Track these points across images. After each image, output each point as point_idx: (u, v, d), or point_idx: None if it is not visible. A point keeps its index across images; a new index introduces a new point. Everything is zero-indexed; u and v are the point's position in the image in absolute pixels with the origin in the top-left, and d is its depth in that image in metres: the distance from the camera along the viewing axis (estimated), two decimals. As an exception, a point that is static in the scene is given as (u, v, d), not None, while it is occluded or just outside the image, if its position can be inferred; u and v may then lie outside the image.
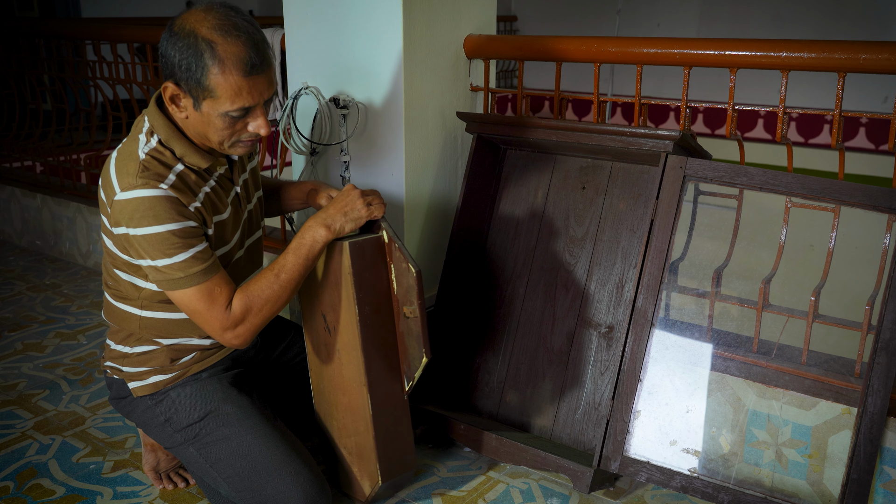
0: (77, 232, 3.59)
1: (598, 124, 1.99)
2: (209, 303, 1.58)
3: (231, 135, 1.58)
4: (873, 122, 6.32)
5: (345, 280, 1.71)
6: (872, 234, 1.80)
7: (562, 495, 1.91)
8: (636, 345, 1.88)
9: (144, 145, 1.57)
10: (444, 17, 2.23)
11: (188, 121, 1.57)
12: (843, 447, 1.76)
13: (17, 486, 1.93)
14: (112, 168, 1.58)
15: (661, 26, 7.21)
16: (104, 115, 3.80)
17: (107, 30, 3.48)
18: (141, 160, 1.55)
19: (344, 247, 1.69)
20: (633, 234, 2.05)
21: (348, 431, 1.82)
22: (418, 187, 2.30)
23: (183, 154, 1.59)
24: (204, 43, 1.47)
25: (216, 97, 1.50)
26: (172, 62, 1.50)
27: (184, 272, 1.55)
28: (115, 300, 1.74)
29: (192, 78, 1.49)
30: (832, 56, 1.81)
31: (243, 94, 1.51)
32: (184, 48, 1.48)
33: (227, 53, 1.47)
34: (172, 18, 1.53)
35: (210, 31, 1.47)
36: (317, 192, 1.90)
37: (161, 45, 1.52)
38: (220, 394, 1.74)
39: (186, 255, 1.54)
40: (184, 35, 1.48)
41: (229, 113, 1.53)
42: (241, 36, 1.49)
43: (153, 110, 1.60)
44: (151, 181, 1.53)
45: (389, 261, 1.76)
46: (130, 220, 1.53)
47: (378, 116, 2.22)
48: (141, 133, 1.60)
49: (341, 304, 1.74)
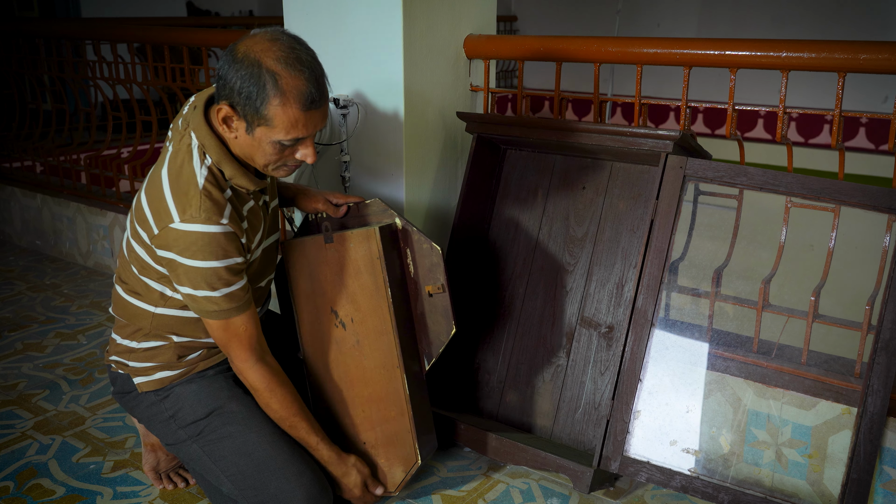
0: (77, 232, 3.59)
1: (598, 124, 1.99)
2: (231, 336, 1.65)
3: (278, 160, 1.60)
4: (873, 122, 6.32)
5: (373, 265, 1.78)
6: (872, 234, 1.80)
7: (562, 495, 1.91)
8: (636, 345, 1.88)
9: (200, 168, 1.57)
10: (444, 17, 2.23)
11: (237, 141, 1.58)
12: (843, 447, 1.76)
13: (17, 486, 1.93)
14: (167, 191, 1.57)
15: (661, 26, 7.21)
16: (104, 115, 3.80)
17: (107, 30, 3.48)
18: (201, 189, 1.55)
19: (373, 232, 1.77)
20: (633, 234, 2.05)
21: (372, 423, 1.83)
22: (418, 187, 2.30)
23: (232, 176, 1.60)
24: (268, 74, 1.48)
25: (272, 126, 1.52)
26: (233, 87, 1.50)
27: (218, 306, 1.60)
28: (129, 295, 1.74)
29: (250, 105, 1.50)
30: (832, 56, 1.81)
31: (299, 127, 1.53)
32: (246, 76, 1.48)
33: (289, 87, 1.49)
34: (235, 42, 1.53)
35: (275, 63, 1.48)
36: (306, 197, 1.93)
37: (221, 68, 1.52)
38: (226, 392, 1.75)
39: (226, 292, 1.59)
40: (248, 63, 1.48)
41: (282, 142, 1.54)
42: (305, 71, 1.50)
43: (203, 128, 1.59)
44: (214, 217, 1.54)
45: (404, 246, 1.85)
46: (184, 251, 1.55)
47: (378, 116, 2.23)
48: (193, 151, 1.59)
49: (366, 291, 1.80)
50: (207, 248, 1.54)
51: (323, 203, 1.91)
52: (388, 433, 1.83)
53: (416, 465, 1.81)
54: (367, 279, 1.79)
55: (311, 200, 1.93)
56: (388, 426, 1.82)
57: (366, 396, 1.83)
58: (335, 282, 1.82)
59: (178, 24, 5.74)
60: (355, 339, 1.82)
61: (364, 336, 1.82)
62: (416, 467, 1.82)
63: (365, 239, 1.78)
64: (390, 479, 1.84)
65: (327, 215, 1.91)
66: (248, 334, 1.65)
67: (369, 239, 1.78)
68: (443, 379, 2.21)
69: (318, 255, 1.82)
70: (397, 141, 2.21)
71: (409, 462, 1.82)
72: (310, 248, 1.83)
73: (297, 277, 1.85)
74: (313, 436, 1.74)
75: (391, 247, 1.82)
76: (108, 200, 3.47)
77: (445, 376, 2.22)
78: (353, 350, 1.83)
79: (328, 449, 1.76)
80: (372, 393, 1.83)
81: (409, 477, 1.83)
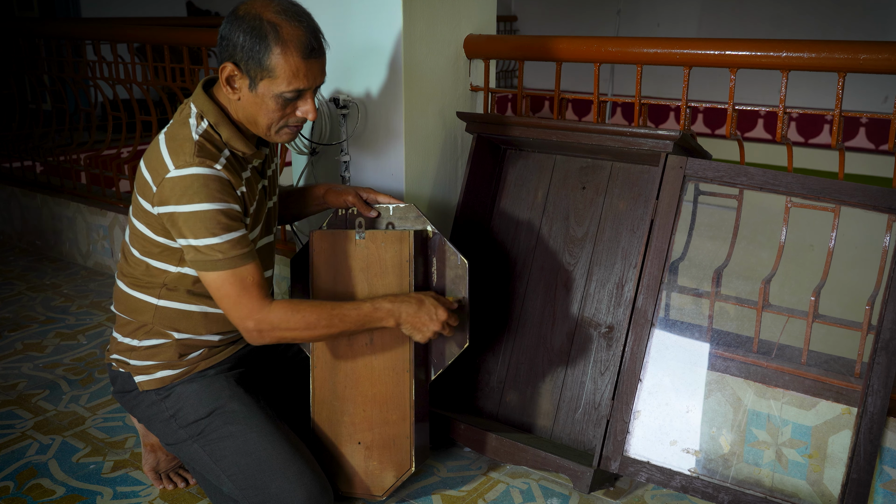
0: (77, 232, 3.59)
1: (598, 124, 1.99)
2: (241, 288, 1.61)
3: (280, 118, 1.64)
4: (873, 122, 6.32)
5: (402, 268, 1.80)
6: (872, 234, 1.80)
7: (562, 495, 1.91)
8: (636, 345, 1.88)
9: (197, 127, 1.62)
10: (444, 17, 2.23)
11: (240, 103, 1.64)
12: (843, 447, 1.76)
13: (17, 486, 1.93)
14: (163, 148, 1.61)
15: (661, 26, 7.21)
16: (104, 115, 3.80)
17: (107, 30, 3.48)
18: (196, 140, 1.60)
19: (407, 236, 1.79)
20: (633, 234, 2.05)
21: (370, 424, 1.83)
22: (418, 187, 2.30)
23: (229, 139, 1.64)
24: (269, 25, 1.55)
25: (274, 77, 1.57)
26: (235, 43, 1.57)
27: (224, 254, 1.58)
28: (131, 288, 1.75)
29: (253, 58, 1.56)
30: (832, 56, 1.81)
31: (300, 76, 1.59)
32: (249, 29, 1.55)
33: (290, 36, 1.56)
34: (235, 6, 1.61)
35: (275, 15, 1.56)
36: (336, 192, 1.93)
37: (223, 29, 1.59)
38: (228, 391, 1.75)
39: (229, 237, 1.58)
40: (249, 18, 1.56)
41: (283, 94, 1.59)
42: (303, 21, 1.59)
43: (201, 96, 1.66)
44: (207, 160, 1.58)
45: (431, 254, 1.86)
46: (181, 197, 1.56)
47: (378, 116, 2.23)
48: (190, 117, 1.65)
49: (389, 291, 1.80)
50: (203, 191, 1.56)
51: (354, 196, 1.90)
52: (385, 436, 1.82)
53: (409, 471, 1.81)
54: (392, 280, 1.80)
55: (342, 194, 1.92)
56: (388, 429, 1.82)
57: (370, 396, 1.83)
58: (359, 278, 1.83)
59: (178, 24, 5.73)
60: (369, 337, 1.83)
61: (378, 336, 1.82)
62: (408, 474, 1.81)
63: (398, 241, 1.79)
64: (379, 482, 1.83)
65: (357, 211, 1.91)
66: (259, 283, 1.62)
67: (402, 242, 1.79)
68: (443, 379, 2.21)
69: (346, 249, 1.83)
70: (397, 141, 2.21)
71: (403, 468, 1.81)
72: (339, 241, 1.84)
73: (319, 267, 1.86)
74: (364, 303, 1.70)
75: (418, 253, 1.83)
76: (108, 200, 3.47)
77: (445, 376, 2.22)
78: (365, 348, 1.83)
79: (385, 302, 1.71)
80: (377, 393, 1.83)
81: (399, 483, 1.82)
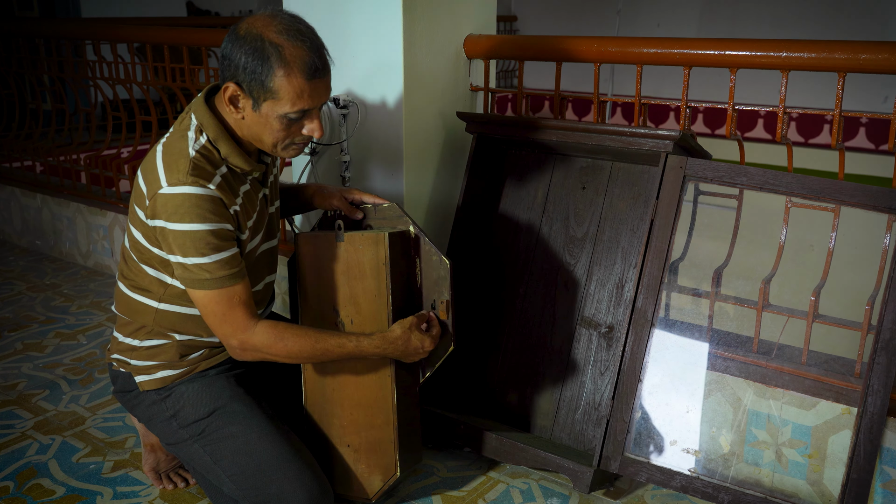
0: (77, 232, 3.59)
1: (598, 124, 1.99)
2: (227, 307, 1.60)
3: (286, 137, 1.62)
4: (873, 122, 6.32)
5: (378, 271, 1.76)
6: (872, 234, 1.80)
7: (562, 495, 1.91)
8: (636, 345, 1.88)
9: (194, 142, 1.60)
10: (444, 17, 2.23)
11: (244, 122, 1.61)
12: (843, 447, 1.76)
13: (17, 486, 1.93)
14: (159, 162, 1.59)
15: (661, 26, 7.22)
16: (104, 115, 3.80)
17: (107, 30, 3.48)
18: (191, 157, 1.57)
19: (382, 238, 1.75)
20: (633, 234, 2.05)
21: (357, 427, 1.83)
22: (418, 187, 2.30)
23: (228, 155, 1.62)
24: (271, 46, 1.51)
25: (278, 99, 1.54)
26: (237, 64, 1.53)
27: (211, 274, 1.57)
28: (132, 291, 1.74)
29: (255, 80, 1.53)
30: (832, 56, 1.81)
31: (304, 97, 1.55)
32: (251, 51, 1.52)
33: (293, 57, 1.52)
34: (236, 23, 1.57)
35: (277, 35, 1.52)
36: (322, 195, 1.93)
37: (224, 48, 1.56)
38: (228, 391, 1.75)
39: (218, 258, 1.57)
40: (251, 38, 1.52)
41: (288, 115, 1.56)
42: (306, 41, 1.54)
43: (202, 108, 1.63)
44: (200, 180, 1.56)
45: (414, 255, 1.82)
46: (172, 215, 1.55)
47: (378, 116, 2.23)
48: (189, 130, 1.62)
49: (369, 294, 1.78)
50: (193, 211, 1.54)
51: (339, 199, 1.90)
52: (371, 440, 1.82)
53: (395, 476, 1.80)
54: (370, 283, 1.78)
55: (328, 197, 1.92)
56: (373, 433, 1.81)
57: (356, 400, 1.82)
58: (341, 281, 1.81)
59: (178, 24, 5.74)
60: None
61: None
62: (394, 478, 1.80)
63: (374, 243, 1.77)
64: (368, 486, 1.83)
65: (342, 213, 1.91)
66: (245, 303, 1.61)
67: (378, 244, 1.76)
68: (443, 379, 2.21)
69: (327, 252, 1.82)
70: (397, 141, 2.21)
71: (389, 472, 1.80)
72: (321, 244, 1.83)
73: (305, 270, 1.85)
74: (349, 342, 1.68)
75: (401, 254, 1.80)
76: (108, 200, 3.47)
77: (445, 376, 2.22)
78: None
79: (370, 340, 1.69)
80: (362, 397, 1.81)
81: (387, 486, 1.82)
